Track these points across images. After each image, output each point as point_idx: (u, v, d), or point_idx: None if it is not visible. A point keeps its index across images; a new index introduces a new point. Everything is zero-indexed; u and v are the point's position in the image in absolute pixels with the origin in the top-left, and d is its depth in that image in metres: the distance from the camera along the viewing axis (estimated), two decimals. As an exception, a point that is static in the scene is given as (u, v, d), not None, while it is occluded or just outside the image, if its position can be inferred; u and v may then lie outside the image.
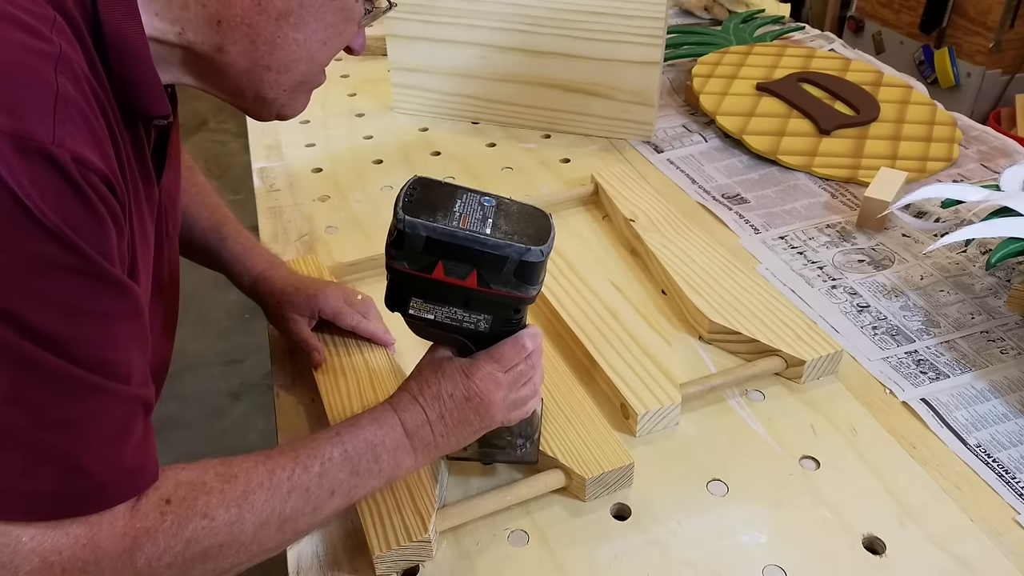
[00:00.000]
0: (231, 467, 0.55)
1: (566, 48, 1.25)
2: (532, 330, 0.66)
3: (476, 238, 0.57)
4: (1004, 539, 0.67)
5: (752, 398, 0.81)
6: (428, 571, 0.66)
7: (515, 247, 0.58)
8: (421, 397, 0.63)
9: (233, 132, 3.41)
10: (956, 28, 2.69)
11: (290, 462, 0.57)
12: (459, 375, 0.63)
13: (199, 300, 2.41)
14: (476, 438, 0.66)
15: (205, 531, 0.52)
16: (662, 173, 1.21)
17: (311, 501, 0.57)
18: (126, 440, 0.50)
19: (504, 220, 0.59)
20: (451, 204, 0.59)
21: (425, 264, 0.58)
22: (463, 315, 0.62)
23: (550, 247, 0.59)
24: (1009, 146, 1.24)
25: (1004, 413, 0.79)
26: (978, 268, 0.98)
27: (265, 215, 1.13)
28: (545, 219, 0.61)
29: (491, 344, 0.64)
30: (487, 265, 0.58)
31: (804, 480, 0.73)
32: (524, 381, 0.65)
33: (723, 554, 0.66)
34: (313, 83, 0.64)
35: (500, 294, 0.60)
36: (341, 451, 0.59)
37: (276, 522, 0.55)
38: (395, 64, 1.36)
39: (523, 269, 0.59)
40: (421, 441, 0.62)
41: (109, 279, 0.48)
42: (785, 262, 1.01)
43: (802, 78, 1.38)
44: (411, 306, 0.62)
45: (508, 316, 0.63)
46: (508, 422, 0.66)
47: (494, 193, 0.61)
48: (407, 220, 0.57)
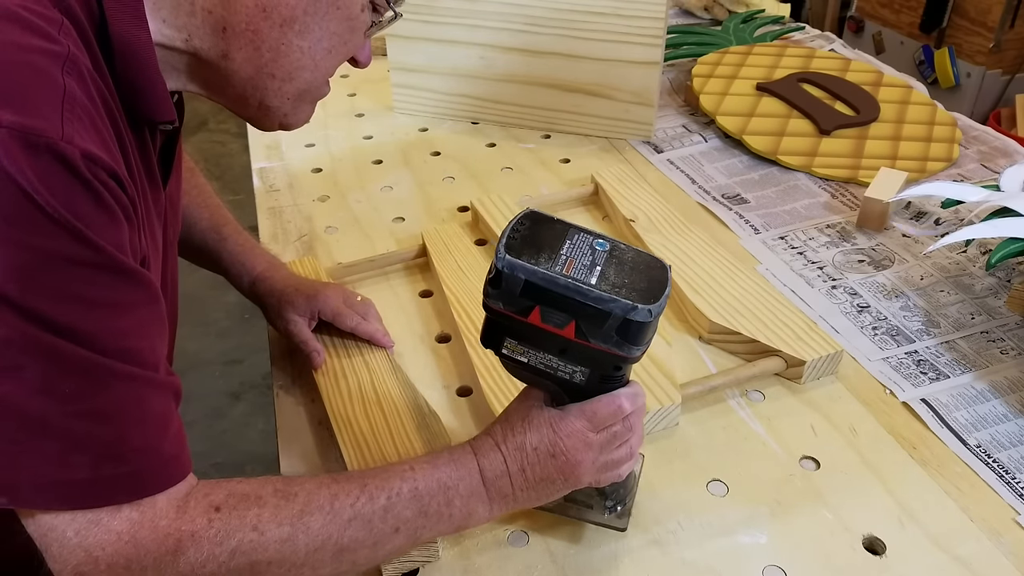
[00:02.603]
0: (292, 485, 0.54)
1: (566, 48, 1.24)
2: (633, 389, 0.61)
3: (579, 288, 0.53)
4: (1004, 539, 0.67)
5: (752, 398, 0.81)
6: (428, 571, 0.66)
7: (620, 303, 0.53)
8: (504, 446, 0.59)
9: (233, 132, 3.41)
10: (956, 28, 2.69)
11: (356, 489, 0.55)
12: (547, 428, 0.59)
13: (199, 300, 2.41)
14: (560, 495, 0.62)
15: (253, 544, 0.51)
16: (662, 173, 1.21)
17: (373, 534, 0.55)
18: (163, 427, 0.51)
19: (614, 270, 0.55)
20: (559, 245, 0.55)
21: (522, 308, 0.55)
22: (558, 363, 0.58)
23: (662, 307, 0.54)
24: (1009, 146, 1.24)
25: (1004, 413, 0.79)
26: (978, 268, 0.98)
27: (265, 215, 1.13)
28: (662, 272, 0.56)
29: (587, 397, 0.60)
30: (587, 318, 0.54)
31: (804, 480, 0.73)
32: (619, 443, 0.61)
33: (723, 554, 0.66)
34: (317, 94, 0.64)
35: (599, 349, 0.56)
36: (411, 487, 0.56)
37: (332, 549, 0.53)
38: (395, 64, 1.36)
39: (627, 328, 0.54)
40: (498, 492, 0.59)
41: (124, 270, 0.49)
42: (785, 262, 1.01)
43: (802, 78, 1.38)
44: (504, 346, 0.58)
45: (608, 372, 0.58)
46: (597, 483, 0.63)
47: (610, 237, 0.57)
48: (507, 260, 0.54)
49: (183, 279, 0.76)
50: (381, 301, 0.91)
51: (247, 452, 1.98)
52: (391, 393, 0.79)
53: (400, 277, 1.01)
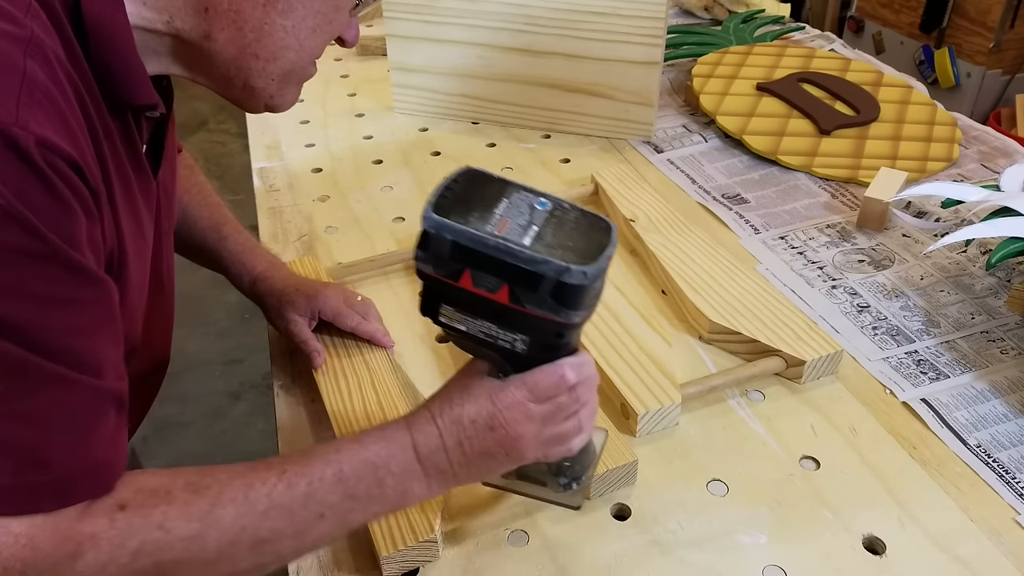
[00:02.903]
0: (205, 477, 0.51)
1: (566, 48, 1.24)
2: (579, 359, 0.57)
3: (509, 249, 0.49)
4: (1004, 539, 0.67)
5: (752, 398, 0.81)
6: (428, 571, 0.66)
7: (553, 265, 0.49)
8: (440, 419, 0.56)
9: (233, 132, 3.41)
10: (956, 28, 2.69)
11: (273, 477, 0.52)
12: (485, 400, 0.55)
13: (199, 300, 2.41)
14: (503, 472, 0.59)
15: (157, 544, 0.48)
16: (662, 173, 1.21)
17: (294, 523, 0.52)
18: (93, 434, 0.48)
19: (552, 230, 0.51)
20: (495, 204, 0.52)
21: (451, 271, 0.52)
22: (497, 331, 0.54)
23: (601, 268, 0.51)
24: (1009, 146, 1.24)
25: (1004, 413, 0.79)
26: (978, 268, 0.98)
27: (265, 215, 1.13)
28: (605, 233, 0.52)
29: (531, 366, 0.56)
30: (520, 280, 0.50)
31: (804, 480, 0.73)
32: (566, 416, 0.57)
33: (723, 554, 0.66)
34: (303, 75, 0.62)
35: (536, 315, 0.52)
36: (335, 471, 0.53)
37: (248, 541, 0.50)
38: (395, 64, 1.36)
39: (562, 291, 0.50)
40: (435, 468, 0.56)
41: (74, 266, 0.46)
42: (785, 262, 1.01)
43: (802, 78, 1.38)
44: (441, 313, 0.55)
45: (550, 340, 0.54)
46: (545, 458, 0.59)
47: (555, 196, 0.53)
48: (434, 219, 0.50)
49: (183, 279, 0.76)
50: (381, 301, 0.91)
51: (247, 452, 1.98)
52: (391, 393, 0.79)
53: (400, 277, 1.01)
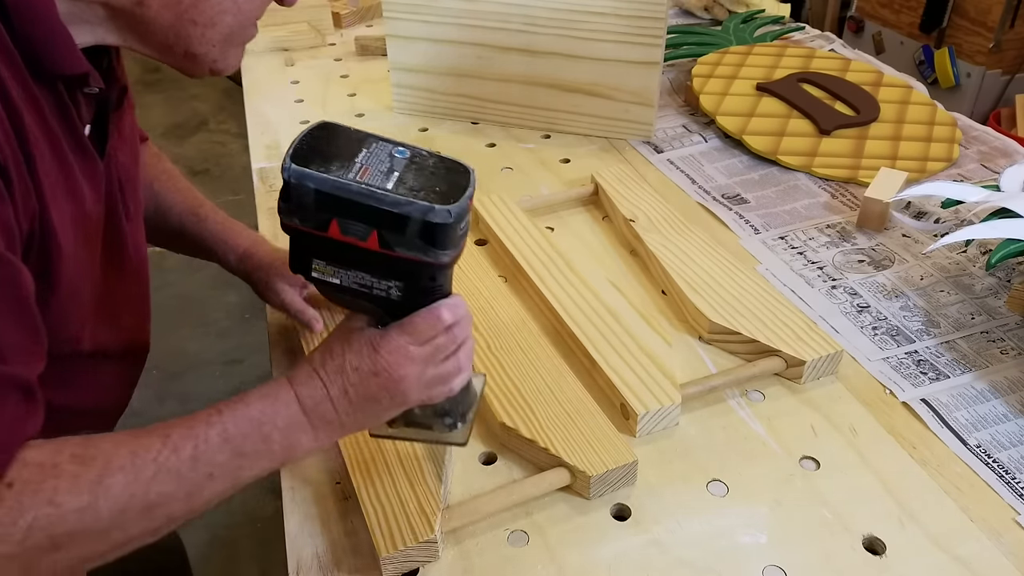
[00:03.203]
0: (89, 448, 0.50)
1: (566, 48, 1.25)
2: (453, 300, 0.59)
3: (372, 193, 0.51)
4: (1004, 539, 0.67)
5: (752, 398, 0.81)
6: (428, 571, 0.66)
7: (417, 205, 0.51)
8: (322, 371, 0.57)
9: (233, 133, 3.41)
10: (956, 28, 2.69)
11: (158, 443, 0.51)
12: (367, 348, 0.57)
13: (199, 300, 2.41)
14: (390, 417, 0.60)
15: (50, 518, 0.47)
16: (662, 173, 1.21)
17: (183, 485, 0.52)
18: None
19: (414, 175, 0.53)
20: (354, 154, 0.53)
21: (319, 221, 0.53)
22: (371, 280, 0.55)
23: (463, 207, 0.53)
24: (1009, 146, 1.24)
25: (1004, 413, 0.79)
26: (978, 268, 0.98)
27: (265, 215, 1.13)
28: (464, 176, 0.54)
29: (408, 313, 0.58)
30: (387, 225, 0.52)
31: (804, 480, 0.73)
32: (445, 356, 0.59)
33: (723, 554, 0.66)
34: (244, 36, 0.62)
35: (407, 258, 0.54)
36: (220, 431, 0.53)
37: (139, 507, 0.50)
38: (395, 64, 1.36)
39: (429, 231, 0.52)
40: (321, 419, 0.57)
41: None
42: (785, 262, 1.01)
43: (802, 78, 1.38)
44: (313, 268, 0.56)
45: (423, 284, 0.56)
46: (429, 400, 0.61)
47: (414, 145, 0.55)
48: (294, 169, 0.51)
49: (183, 279, 0.76)
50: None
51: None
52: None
53: (400, 277, 1.01)
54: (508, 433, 0.75)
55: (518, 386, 0.79)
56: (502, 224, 1.02)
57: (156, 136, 3.44)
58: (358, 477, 0.70)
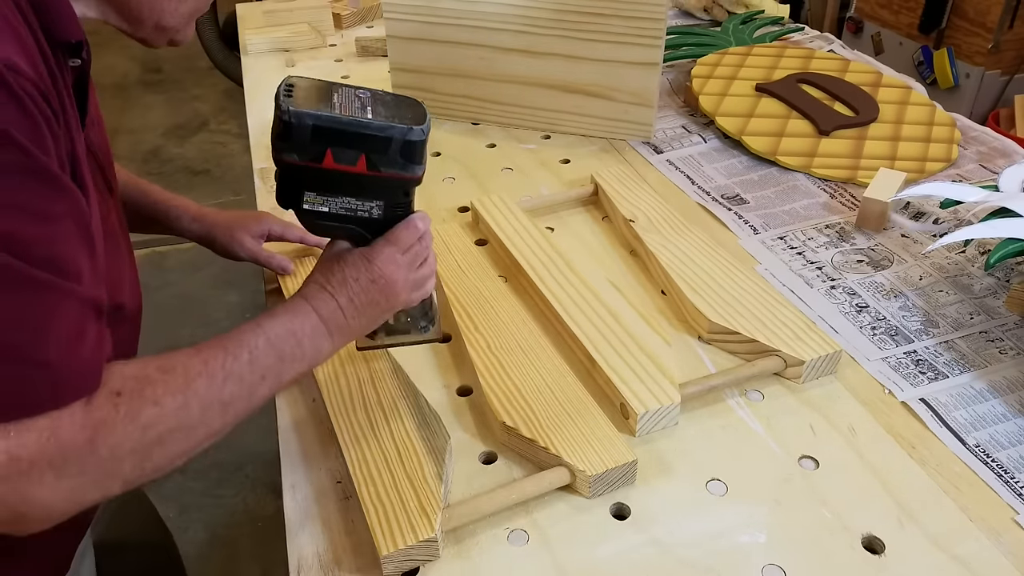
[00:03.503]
0: (168, 360, 0.57)
1: (566, 49, 1.25)
2: (420, 213, 0.69)
3: (360, 122, 0.60)
4: (1003, 539, 0.67)
5: (751, 398, 0.82)
6: (428, 570, 0.66)
7: (398, 127, 0.61)
8: (329, 285, 0.65)
9: (234, 133, 3.41)
10: (955, 29, 2.70)
11: (220, 352, 0.59)
12: (362, 261, 0.66)
13: (199, 300, 2.41)
14: (385, 318, 0.70)
15: (157, 417, 0.54)
16: (661, 174, 1.21)
17: (245, 386, 0.59)
18: (82, 337, 0.51)
19: (382, 107, 0.62)
20: (329, 97, 0.61)
21: (314, 153, 0.61)
22: (356, 204, 0.65)
23: (429, 127, 0.63)
24: (1008, 147, 1.24)
25: (1003, 413, 0.79)
26: (977, 268, 0.98)
27: (265, 215, 1.14)
28: (419, 105, 0.65)
29: (384, 231, 0.67)
30: (374, 148, 0.61)
31: (803, 480, 0.73)
32: (421, 261, 0.70)
33: (722, 554, 0.66)
34: (201, 10, 0.70)
35: (389, 176, 0.63)
36: (265, 339, 0.61)
37: (218, 406, 0.58)
38: (395, 65, 1.36)
39: (408, 148, 0.62)
40: (335, 325, 0.65)
41: (50, 177, 0.50)
42: (784, 262, 1.01)
43: (801, 79, 1.38)
44: (305, 200, 0.64)
45: (399, 200, 0.66)
46: (411, 302, 0.71)
47: (368, 87, 0.65)
48: (292, 111, 0.59)
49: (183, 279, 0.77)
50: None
51: (247, 451, 1.98)
52: (391, 393, 0.79)
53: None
54: (508, 432, 0.75)
55: (518, 386, 0.79)
56: (502, 224, 1.03)
57: (157, 136, 3.45)
58: (359, 476, 0.70)
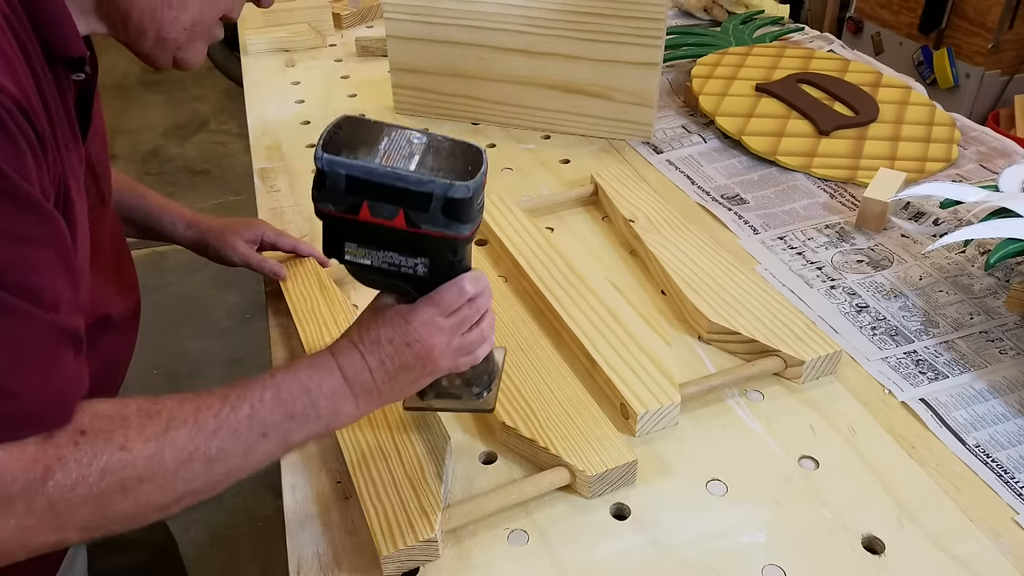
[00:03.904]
0: (155, 404, 0.54)
1: (566, 49, 1.25)
2: (475, 274, 0.63)
3: (396, 174, 0.56)
4: (1003, 539, 0.67)
5: (751, 398, 0.82)
6: (427, 570, 0.66)
7: (438, 183, 0.56)
8: (361, 344, 0.61)
9: (234, 133, 3.41)
10: (955, 29, 2.70)
11: (218, 402, 0.55)
12: (399, 321, 0.61)
13: (199, 300, 2.41)
14: (423, 385, 0.64)
15: (121, 463, 0.50)
16: (661, 174, 1.21)
17: (240, 442, 0.55)
18: (52, 367, 0.49)
19: (432, 156, 0.58)
20: (376, 142, 0.57)
21: (350, 205, 0.57)
22: (399, 259, 0.60)
23: (479, 183, 0.57)
24: (1008, 147, 1.24)
25: (1003, 413, 0.79)
26: (977, 268, 0.98)
27: (266, 215, 1.14)
28: (477, 156, 0.59)
29: (432, 289, 0.62)
30: (412, 203, 0.57)
31: (803, 480, 0.73)
32: (470, 326, 0.64)
33: (722, 554, 0.67)
34: (209, 31, 0.67)
35: (431, 234, 0.58)
36: (273, 393, 0.57)
37: (201, 460, 0.53)
38: (395, 65, 1.36)
39: (451, 206, 0.57)
40: (362, 388, 0.61)
41: (30, 202, 0.48)
42: (784, 262, 1.01)
43: (801, 79, 1.38)
44: (346, 251, 0.60)
45: (446, 259, 0.61)
46: (456, 369, 0.65)
47: (429, 131, 0.60)
48: (326, 159, 0.56)
49: (183, 279, 0.77)
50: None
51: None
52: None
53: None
54: (508, 432, 0.75)
55: (518, 386, 0.79)
56: (502, 224, 1.03)
57: (157, 136, 3.45)
58: (359, 476, 0.70)
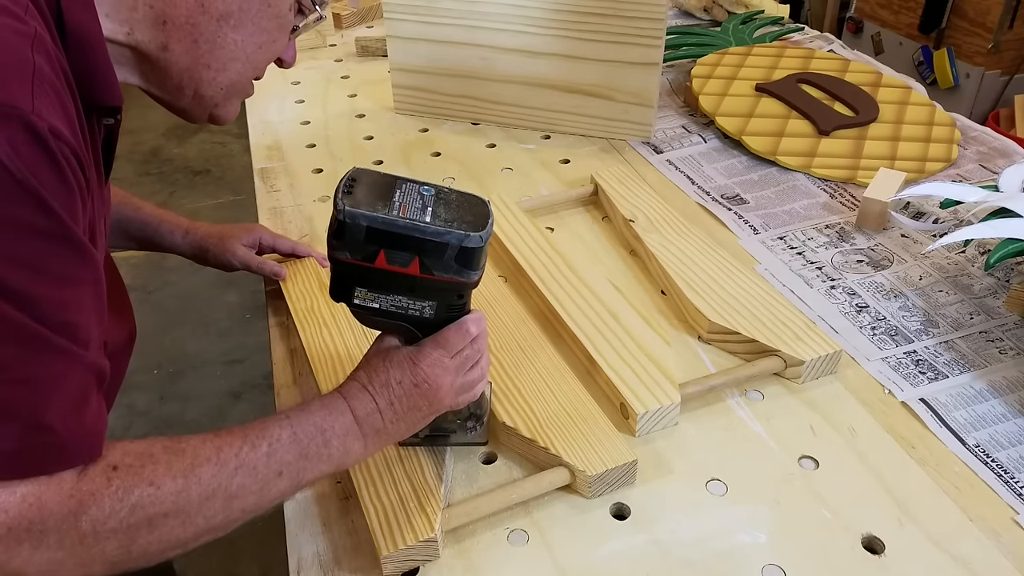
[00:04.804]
0: (179, 442, 0.55)
1: (566, 49, 1.25)
2: (476, 315, 0.67)
3: (416, 226, 0.59)
4: (1003, 539, 0.67)
5: (751, 398, 0.82)
6: (427, 570, 0.66)
7: (455, 234, 0.59)
8: (371, 386, 0.63)
9: (234, 133, 3.41)
10: (955, 29, 2.70)
11: (238, 440, 0.57)
12: (407, 363, 0.64)
13: (199, 300, 2.41)
14: (426, 423, 0.66)
15: (151, 498, 0.52)
16: (661, 174, 1.21)
17: (258, 480, 0.57)
18: (85, 404, 0.51)
19: (444, 208, 0.61)
20: (391, 194, 0.60)
21: (367, 253, 0.60)
22: (408, 303, 0.63)
23: (489, 232, 0.62)
24: (1008, 147, 1.24)
25: (1003, 413, 0.79)
26: (977, 268, 0.98)
27: (266, 216, 1.14)
28: (484, 206, 0.63)
29: (436, 330, 0.65)
30: (428, 252, 0.60)
31: (803, 480, 0.73)
32: (471, 365, 0.67)
33: (722, 554, 0.67)
34: (245, 90, 0.69)
35: (443, 280, 0.62)
36: (290, 433, 0.59)
37: (222, 497, 0.55)
38: (395, 65, 1.36)
39: (464, 255, 0.60)
40: (371, 428, 0.63)
41: (77, 244, 0.50)
42: (784, 262, 1.01)
43: (801, 79, 1.38)
44: (356, 295, 0.62)
45: (452, 302, 0.64)
46: (456, 406, 0.68)
47: (433, 182, 0.63)
48: (347, 211, 0.58)
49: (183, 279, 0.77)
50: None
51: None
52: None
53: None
54: (508, 432, 0.75)
55: (518, 386, 0.79)
56: (502, 224, 1.03)
57: (157, 136, 3.45)
58: (358, 476, 0.70)
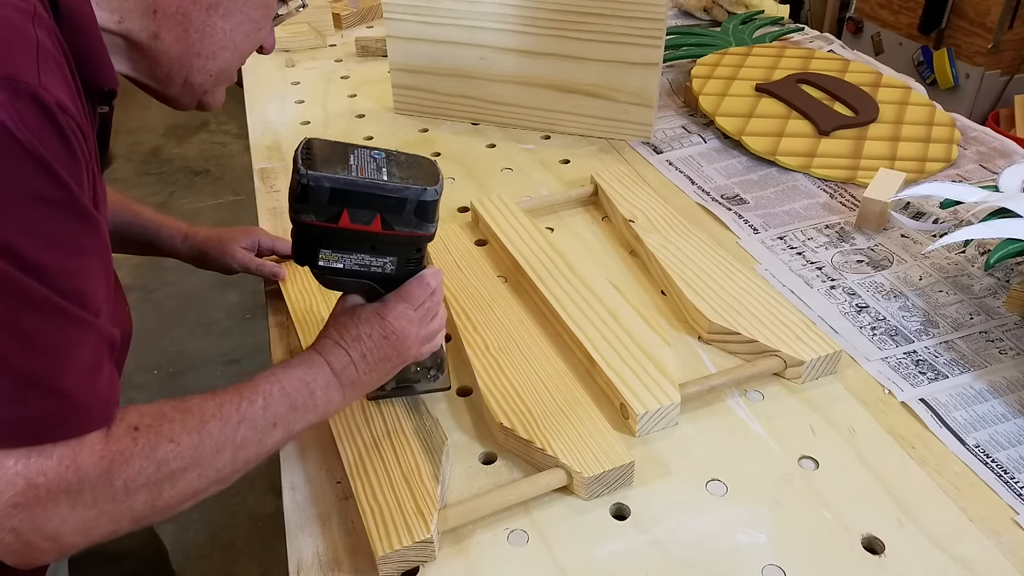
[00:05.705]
0: (184, 401, 0.58)
1: (565, 49, 1.25)
2: (433, 269, 0.72)
3: (377, 184, 0.63)
4: (1003, 539, 0.67)
5: (751, 398, 0.82)
6: (428, 570, 0.66)
7: (413, 189, 0.63)
8: (343, 341, 0.67)
9: (234, 133, 3.41)
10: (955, 29, 2.70)
11: (235, 397, 0.60)
12: (375, 317, 0.68)
13: (199, 300, 2.41)
14: (395, 373, 0.71)
15: (173, 454, 0.55)
16: (661, 174, 1.21)
17: (258, 431, 0.60)
18: (99, 370, 0.53)
19: (397, 168, 0.65)
20: (347, 158, 0.64)
21: (331, 214, 0.63)
22: (370, 260, 0.67)
23: (442, 186, 0.66)
24: (1008, 147, 1.24)
25: (1003, 413, 0.79)
26: (977, 269, 0.98)
27: (266, 216, 1.14)
28: (432, 165, 0.67)
29: (397, 286, 0.70)
30: (389, 208, 0.64)
31: (803, 480, 0.73)
32: (432, 316, 0.72)
33: (722, 554, 0.66)
34: (231, 77, 0.71)
35: (403, 235, 0.66)
36: (279, 387, 0.62)
37: (230, 449, 0.59)
38: (395, 65, 1.36)
39: (422, 208, 0.65)
40: (348, 379, 0.67)
41: (86, 214, 0.52)
42: (784, 263, 1.01)
43: (801, 79, 1.38)
44: (320, 257, 0.66)
45: (411, 256, 0.69)
46: (420, 356, 0.72)
47: (383, 147, 0.67)
48: (310, 175, 0.61)
49: (183, 279, 0.78)
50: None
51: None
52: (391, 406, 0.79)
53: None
54: (505, 433, 0.75)
55: (516, 386, 0.79)
56: (502, 224, 1.03)
57: (157, 136, 3.44)
58: (356, 477, 0.70)
